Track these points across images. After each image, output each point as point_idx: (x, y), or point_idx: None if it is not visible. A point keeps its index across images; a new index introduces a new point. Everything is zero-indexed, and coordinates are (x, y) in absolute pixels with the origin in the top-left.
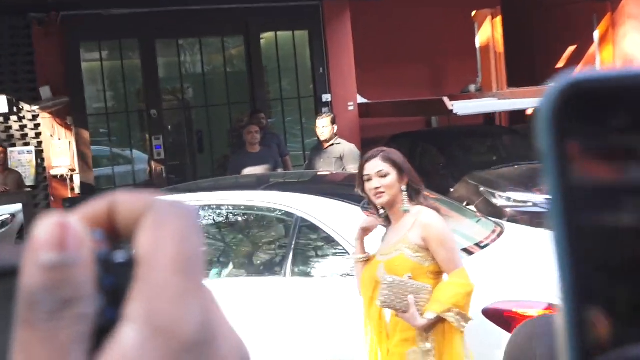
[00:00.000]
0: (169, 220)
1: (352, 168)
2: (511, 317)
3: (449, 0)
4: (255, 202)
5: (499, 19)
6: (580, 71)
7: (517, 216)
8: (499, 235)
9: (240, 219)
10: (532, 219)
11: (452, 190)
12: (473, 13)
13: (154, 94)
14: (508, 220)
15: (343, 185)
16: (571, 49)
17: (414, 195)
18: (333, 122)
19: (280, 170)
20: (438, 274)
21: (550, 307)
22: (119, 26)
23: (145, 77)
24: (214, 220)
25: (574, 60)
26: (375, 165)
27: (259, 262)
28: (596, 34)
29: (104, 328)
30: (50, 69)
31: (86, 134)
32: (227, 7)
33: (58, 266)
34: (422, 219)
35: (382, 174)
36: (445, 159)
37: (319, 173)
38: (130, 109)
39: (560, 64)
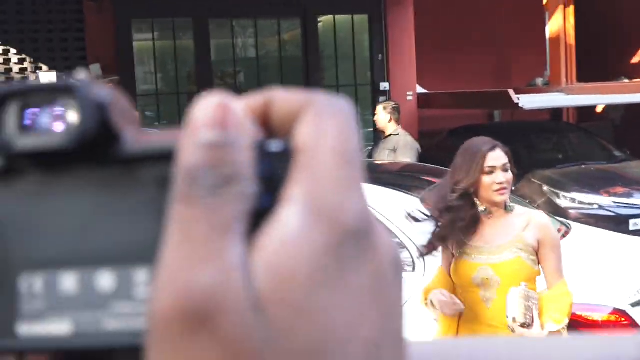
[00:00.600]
0: (329, 114)
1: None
2: (575, 321)
3: None
4: None
5: (571, 9)
6: None
7: (582, 218)
8: (564, 236)
9: None
10: (598, 222)
11: (513, 188)
12: (544, 1)
13: (206, 76)
14: (574, 221)
15: (403, 176)
16: None
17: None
18: (389, 110)
19: None
20: (535, 280)
21: (616, 312)
22: (172, 4)
23: (198, 58)
24: None
25: None
26: (500, 156)
27: None
28: None
29: (259, 214)
30: (101, 47)
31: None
32: None
33: (219, 145)
34: (538, 220)
35: (506, 167)
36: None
37: (378, 162)
38: (181, 90)
39: (635, 59)
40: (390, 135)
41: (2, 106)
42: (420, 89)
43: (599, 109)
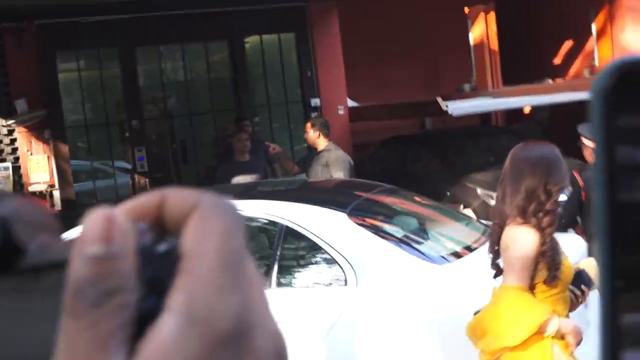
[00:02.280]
0: (214, 216)
1: (339, 176)
2: None
3: None
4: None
5: (492, 15)
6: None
7: None
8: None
9: None
10: None
11: (448, 193)
12: (466, 9)
13: (135, 104)
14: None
15: (331, 192)
16: (568, 44)
17: None
18: (317, 127)
19: (270, 178)
20: None
21: None
22: (97, 34)
23: (125, 86)
24: None
25: (571, 56)
26: None
27: None
28: (593, 28)
29: (145, 317)
30: (25, 81)
31: (65, 148)
32: (209, 11)
33: (103, 258)
34: None
35: None
36: (441, 162)
37: (308, 180)
38: (111, 120)
39: (556, 61)
40: (322, 151)
41: None
42: (351, 103)
43: (526, 110)
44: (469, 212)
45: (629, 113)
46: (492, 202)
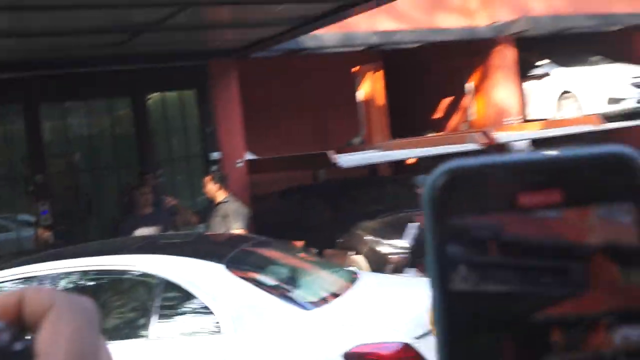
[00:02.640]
0: (66, 317)
1: (236, 227)
2: (373, 359)
3: (332, 57)
4: (120, 265)
5: (380, 74)
6: (455, 161)
7: (402, 262)
8: (353, 283)
9: (104, 283)
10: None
11: (341, 241)
12: (355, 68)
13: (39, 159)
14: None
15: (212, 244)
16: (447, 100)
17: None
18: (215, 180)
19: (170, 231)
20: None
21: (405, 346)
22: (2, 91)
23: (30, 142)
24: (76, 286)
25: (450, 111)
26: None
27: (122, 325)
28: (469, 86)
29: None
30: None
31: None
32: (113, 69)
33: None
34: None
35: None
36: (333, 211)
37: (202, 233)
38: (15, 175)
39: (438, 115)
40: (220, 203)
41: None
42: (249, 156)
43: (410, 161)
44: (359, 258)
45: (456, 212)
46: (379, 248)
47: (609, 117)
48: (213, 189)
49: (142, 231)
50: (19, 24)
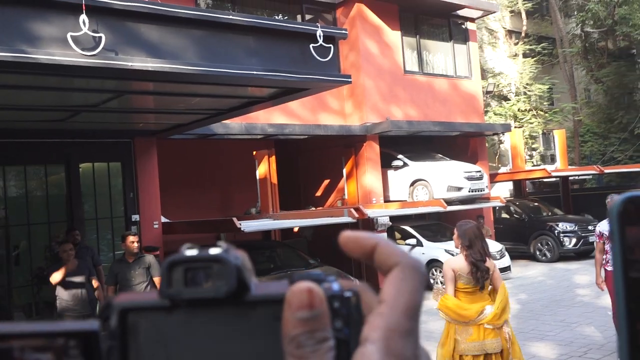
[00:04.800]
0: (409, 277)
1: (159, 276)
2: None
3: (236, 142)
4: None
5: (273, 158)
6: (632, 191)
7: None
8: None
9: None
10: None
11: None
12: (254, 152)
13: None
14: None
15: None
16: (326, 181)
17: None
18: (133, 236)
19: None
20: None
21: None
22: None
23: None
24: None
25: (328, 191)
26: None
27: None
28: (344, 171)
29: (341, 342)
30: None
31: None
32: (51, 140)
33: (312, 319)
34: None
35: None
36: None
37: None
38: None
39: (318, 193)
40: (139, 257)
41: (172, 268)
42: (164, 219)
43: (296, 229)
44: None
45: (633, 227)
46: None
47: (449, 202)
48: (133, 244)
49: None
50: None
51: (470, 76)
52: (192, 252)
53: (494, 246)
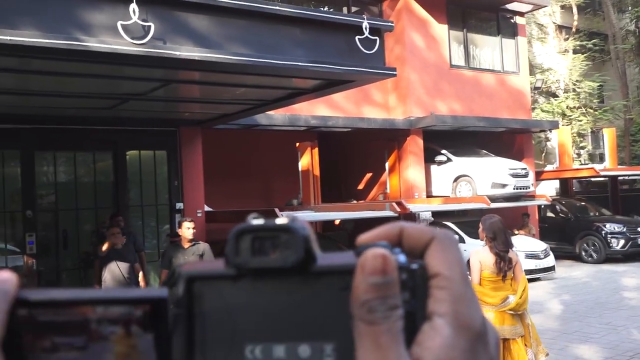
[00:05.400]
0: (450, 248)
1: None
2: None
3: (280, 133)
4: None
5: (316, 150)
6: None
7: None
8: None
9: None
10: None
11: None
12: (297, 144)
13: (30, 197)
14: None
15: None
16: (368, 175)
17: None
18: (194, 225)
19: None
20: None
21: None
22: (2, 138)
23: (24, 183)
24: None
25: (371, 184)
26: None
27: None
28: (387, 165)
29: (408, 314)
30: None
31: None
32: (100, 128)
33: (385, 285)
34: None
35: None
36: None
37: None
38: (7, 209)
39: (360, 186)
40: (193, 244)
41: (239, 237)
42: (207, 208)
43: (337, 222)
44: None
45: None
46: None
47: (493, 199)
48: (189, 230)
49: (112, 265)
50: (22, 84)
51: (518, 72)
52: (259, 222)
53: (538, 245)
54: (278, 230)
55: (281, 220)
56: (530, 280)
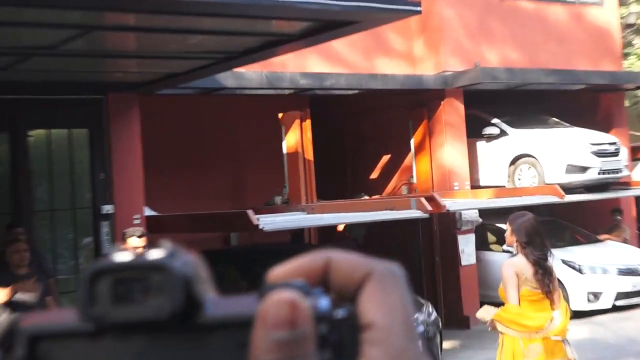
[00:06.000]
0: (391, 287)
1: None
2: None
3: (253, 101)
4: None
5: (308, 123)
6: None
7: None
8: None
9: None
10: None
11: None
12: (280, 115)
13: None
14: None
15: None
16: (385, 158)
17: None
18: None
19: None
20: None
21: None
22: None
23: None
24: None
25: (389, 171)
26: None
27: None
28: (412, 143)
29: None
30: None
31: None
32: None
33: (290, 343)
34: None
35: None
36: (248, 282)
37: None
38: None
39: (373, 175)
40: None
41: (96, 280)
42: (149, 211)
43: (341, 228)
44: None
45: None
46: None
47: (569, 188)
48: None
49: (18, 296)
50: None
51: (602, 2)
52: (123, 257)
53: (634, 256)
54: (148, 268)
55: (155, 253)
56: (620, 309)
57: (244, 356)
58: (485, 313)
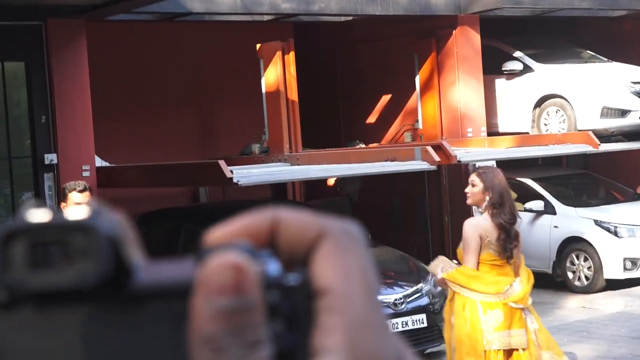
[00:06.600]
0: (348, 248)
1: None
2: None
3: (226, 29)
4: None
5: (292, 56)
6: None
7: None
8: None
9: None
10: None
11: None
12: (258, 46)
13: None
14: None
15: None
16: (385, 98)
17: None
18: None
19: None
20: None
21: None
22: None
23: None
24: None
25: (390, 113)
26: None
27: None
28: (417, 80)
29: (283, 355)
30: None
31: None
32: None
33: (239, 311)
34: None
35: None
36: None
37: None
38: None
39: (371, 119)
40: None
41: (10, 242)
42: (100, 162)
43: (332, 182)
44: None
45: None
46: None
47: (605, 136)
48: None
49: None
50: None
51: None
52: (41, 216)
53: None
54: (69, 229)
55: (78, 212)
56: None
57: (182, 328)
58: (438, 268)
